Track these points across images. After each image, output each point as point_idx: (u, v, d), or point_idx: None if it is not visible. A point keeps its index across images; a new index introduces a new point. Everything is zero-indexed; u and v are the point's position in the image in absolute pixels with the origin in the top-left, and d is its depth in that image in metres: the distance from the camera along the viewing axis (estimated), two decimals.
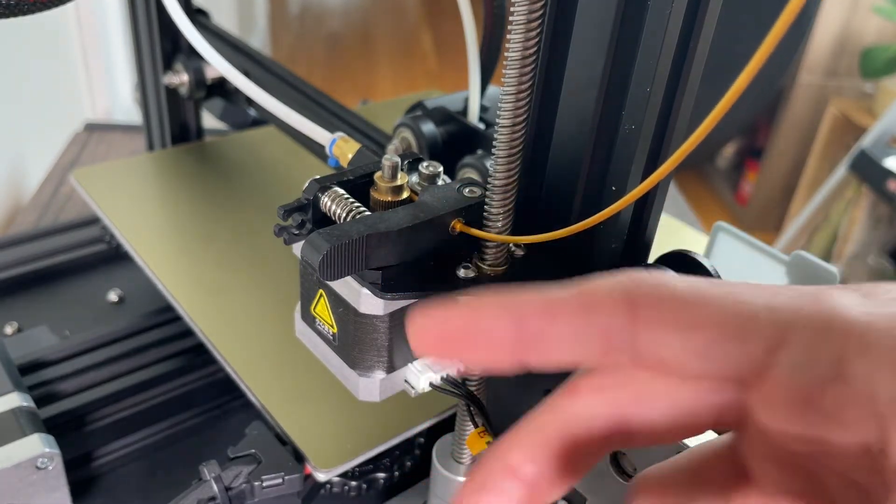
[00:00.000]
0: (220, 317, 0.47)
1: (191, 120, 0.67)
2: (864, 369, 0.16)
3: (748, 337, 0.17)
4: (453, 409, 0.42)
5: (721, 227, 0.43)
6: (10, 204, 0.93)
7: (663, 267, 0.31)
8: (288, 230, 0.28)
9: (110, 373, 0.47)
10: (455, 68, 2.91)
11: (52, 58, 1.18)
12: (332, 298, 0.29)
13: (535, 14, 0.25)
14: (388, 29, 3.34)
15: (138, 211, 0.57)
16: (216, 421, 0.49)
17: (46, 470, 0.36)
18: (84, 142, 0.90)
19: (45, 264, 0.59)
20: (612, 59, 0.28)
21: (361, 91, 2.66)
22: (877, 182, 1.44)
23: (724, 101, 0.18)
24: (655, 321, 0.18)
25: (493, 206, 0.28)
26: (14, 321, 0.54)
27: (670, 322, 0.18)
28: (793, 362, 0.17)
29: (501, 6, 0.46)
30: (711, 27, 0.27)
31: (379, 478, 0.44)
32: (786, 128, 2.04)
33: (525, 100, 0.26)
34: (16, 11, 0.35)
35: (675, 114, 0.29)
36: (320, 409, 0.42)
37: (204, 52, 0.46)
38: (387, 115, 0.68)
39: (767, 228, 2.10)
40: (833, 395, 0.16)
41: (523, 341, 0.19)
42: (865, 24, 1.90)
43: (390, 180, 0.28)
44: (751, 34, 0.87)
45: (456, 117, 0.45)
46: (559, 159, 0.31)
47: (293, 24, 3.32)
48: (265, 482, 0.37)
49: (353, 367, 0.30)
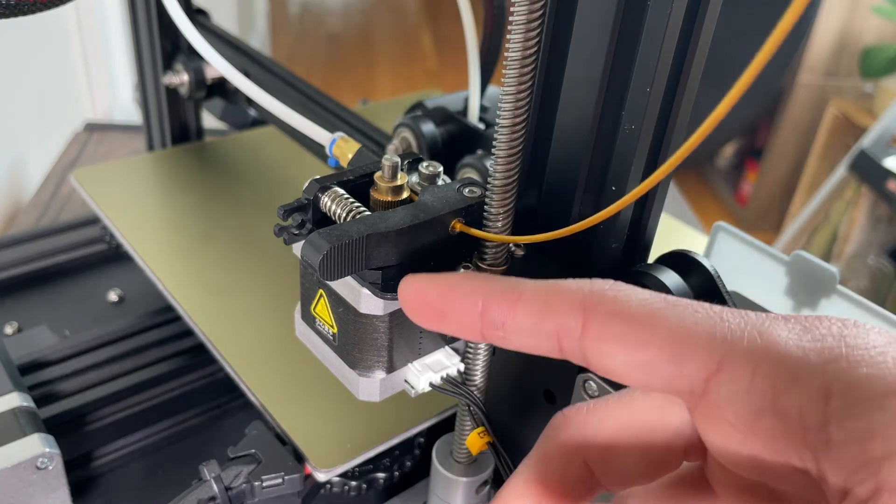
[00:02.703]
0: (220, 317, 0.47)
1: (191, 120, 0.67)
2: (793, 402, 0.17)
3: (685, 361, 0.18)
4: (453, 409, 0.42)
5: (721, 227, 0.43)
6: (10, 204, 0.93)
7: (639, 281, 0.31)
8: (288, 230, 0.28)
9: (110, 373, 0.47)
10: (455, 68, 2.91)
11: (52, 58, 1.18)
12: (332, 298, 0.29)
13: (535, 14, 0.25)
14: (388, 29, 3.34)
15: (138, 211, 0.57)
16: (216, 421, 0.49)
17: (46, 470, 0.36)
18: (84, 142, 0.90)
19: (45, 264, 0.59)
20: (612, 59, 0.28)
21: (361, 91, 2.66)
22: (877, 182, 1.44)
23: (726, 102, 0.18)
24: (603, 334, 0.19)
25: (492, 206, 0.28)
26: (14, 321, 0.54)
27: (617, 337, 0.19)
28: (728, 391, 0.18)
29: (501, 6, 0.46)
30: (711, 27, 0.27)
31: (379, 478, 0.44)
32: (786, 128, 2.04)
33: (525, 100, 0.26)
34: (16, 11, 0.35)
35: (675, 114, 0.29)
36: (320, 409, 0.42)
37: (204, 52, 0.46)
38: (387, 115, 0.68)
39: (767, 228, 2.10)
40: (766, 426, 0.17)
41: (486, 324, 0.22)
42: (865, 24, 1.89)
43: (390, 180, 0.28)
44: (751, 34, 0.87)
45: (456, 117, 0.45)
46: (559, 159, 0.31)
47: (293, 24, 3.32)
48: (265, 482, 0.37)
49: (353, 367, 0.30)
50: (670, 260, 0.31)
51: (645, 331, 0.19)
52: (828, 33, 1.92)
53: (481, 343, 0.30)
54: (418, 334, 0.30)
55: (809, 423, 0.17)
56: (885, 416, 0.16)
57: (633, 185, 0.29)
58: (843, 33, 1.92)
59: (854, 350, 0.17)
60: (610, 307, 0.19)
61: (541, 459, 0.23)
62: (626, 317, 0.19)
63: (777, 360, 0.17)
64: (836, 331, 0.18)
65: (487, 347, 0.31)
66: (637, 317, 0.19)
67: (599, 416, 0.22)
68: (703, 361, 0.18)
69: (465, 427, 0.34)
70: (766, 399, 0.17)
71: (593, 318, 0.19)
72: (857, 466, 0.16)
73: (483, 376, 0.32)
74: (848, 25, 1.91)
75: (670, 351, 0.18)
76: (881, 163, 1.43)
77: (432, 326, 0.23)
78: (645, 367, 0.19)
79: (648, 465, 0.22)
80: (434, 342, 0.31)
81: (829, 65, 1.95)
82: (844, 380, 0.16)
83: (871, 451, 0.15)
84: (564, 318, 0.20)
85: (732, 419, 0.18)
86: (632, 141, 0.29)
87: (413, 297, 0.23)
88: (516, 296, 0.21)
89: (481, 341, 0.22)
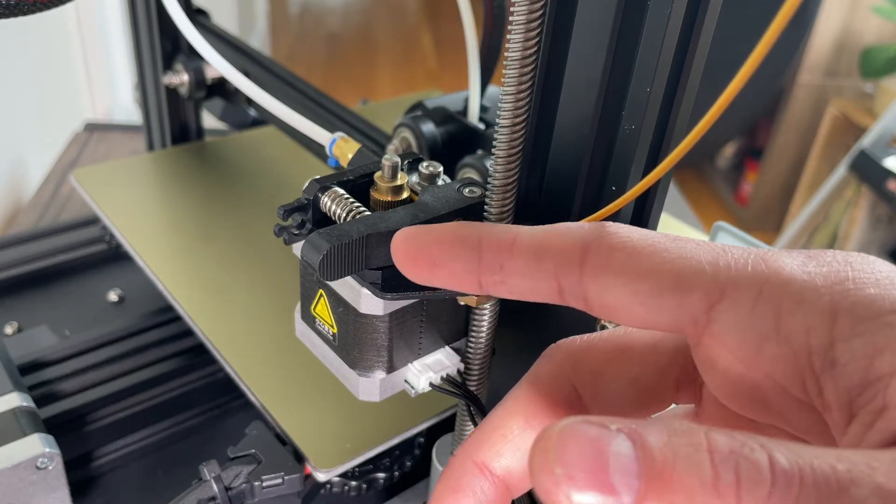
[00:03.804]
0: (220, 317, 0.47)
1: (191, 120, 0.67)
2: (799, 324, 0.17)
3: (690, 289, 0.18)
4: (453, 409, 0.42)
5: (721, 227, 0.43)
6: (10, 204, 0.93)
7: None
8: (288, 230, 0.28)
9: (110, 373, 0.47)
10: (455, 68, 2.91)
11: (52, 58, 1.18)
12: (332, 298, 0.29)
13: (535, 14, 0.25)
14: (388, 29, 3.34)
15: (138, 211, 0.57)
16: (216, 421, 0.49)
17: (46, 470, 0.36)
18: (84, 142, 0.90)
19: (45, 264, 0.59)
20: (612, 59, 0.28)
21: (361, 91, 2.66)
22: (877, 182, 1.44)
23: (723, 99, 0.18)
24: (603, 268, 0.19)
25: (493, 206, 0.28)
26: (14, 321, 0.54)
27: (617, 270, 0.19)
28: (731, 318, 0.17)
29: (501, 6, 0.46)
30: (711, 27, 0.27)
31: (379, 478, 0.44)
32: (786, 128, 2.04)
33: (525, 100, 0.26)
34: (16, 11, 0.35)
35: (675, 114, 0.29)
36: (320, 409, 0.42)
37: (204, 52, 0.46)
38: (387, 115, 0.68)
39: (767, 228, 2.10)
40: (770, 352, 0.17)
41: (484, 268, 0.21)
42: (865, 24, 1.89)
43: (390, 180, 0.28)
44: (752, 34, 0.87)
45: (456, 117, 0.45)
46: (559, 159, 0.31)
47: (293, 24, 3.32)
48: (265, 482, 0.37)
49: (353, 367, 0.30)
50: None
51: (647, 261, 0.18)
52: (828, 33, 1.92)
53: (480, 340, 0.30)
54: (418, 334, 0.30)
55: (815, 345, 0.16)
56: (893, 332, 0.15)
57: (633, 184, 0.29)
58: (843, 33, 1.92)
59: (860, 273, 0.17)
60: (610, 241, 0.19)
61: (532, 382, 0.22)
62: (627, 249, 0.19)
63: (782, 284, 0.17)
64: (840, 258, 0.17)
65: (487, 347, 0.31)
66: (638, 248, 0.19)
67: (592, 344, 0.22)
68: (706, 289, 0.18)
69: (465, 427, 0.34)
70: (770, 323, 0.17)
71: (593, 251, 0.19)
72: (863, 386, 0.15)
73: (483, 376, 0.32)
74: (848, 25, 1.91)
75: (672, 280, 0.18)
76: (881, 163, 1.43)
77: (424, 278, 0.22)
78: (647, 298, 0.18)
79: (638, 395, 0.22)
80: (434, 342, 0.31)
81: (829, 65, 1.95)
82: (851, 299, 0.16)
83: (878, 368, 0.15)
84: (564, 254, 0.19)
85: (735, 348, 0.17)
86: (632, 141, 0.29)
87: (405, 246, 0.22)
88: (512, 237, 0.20)
89: (477, 291, 0.21)
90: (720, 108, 0.19)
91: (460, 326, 0.31)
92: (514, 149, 0.27)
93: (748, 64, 0.18)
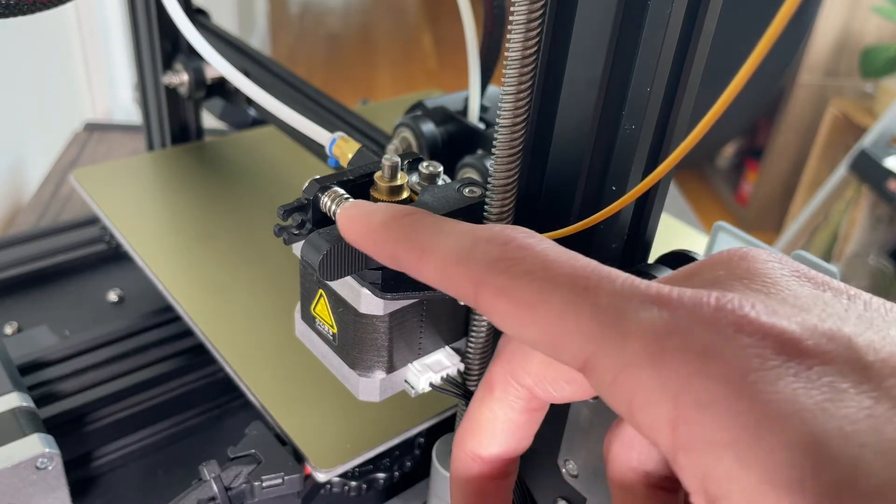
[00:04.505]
0: (220, 317, 0.47)
1: (191, 120, 0.67)
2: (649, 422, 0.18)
3: (561, 350, 0.19)
4: (453, 409, 0.42)
5: (721, 227, 0.43)
6: (10, 204, 0.93)
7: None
8: (288, 230, 0.28)
9: (110, 373, 0.47)
10: (455, 68, 2.91)
11: (52, 58, 1.18)
12: (332, 298, 0.29)
13: (535, 14, 0.25)
14: (388, 29, 3.34)
15: (138, 211, 0.57)
16: (216, 421, 0.49)
17: (46, 470, 0.36)
18: (84, 142, 0.90)
19: (45, 264, 0.59)
20: (612, 59, 0.28)
21: (361, 91, 2.66)
22: (877, 182, 1.44)
23: (723, 99, 0.18)
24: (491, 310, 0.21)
25: (493, 206, 0.28)
26: (14, 321, 0.54)
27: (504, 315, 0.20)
28: (596, 387, 0.18)
29: (501, 6, 0.46)
30: (711, 27, 0.27)
31: (379, 478, 0.44)
32: (786, 128, 2.04)
33: (525, 100, 0.26)
34: (16, 11, 0.35)
35: (675, 114, 0.29)
36: (320, 409, 0.42)
37: (204, 52, 0.46)
38: (387, 115, 0.68)
39: (767, 228, 2.10)
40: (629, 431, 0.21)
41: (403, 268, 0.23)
42: (865, 24, 1.89)
43: (390, 180, 0.28)
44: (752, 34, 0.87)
45: (456, 117, 0.45)
46: (559, 159, 0.31)
47: (293, 24, 3.32)
48: (265, 482, 0.37)
49: (353, 367, 0.30)
50: (670, 260, 0.31)
51: (527, 313, 0.19)
52: (828, 33, 1.92)
53: (480, 340, 0.30)
54: (418, 334, 0.30)
55: (666, 449, 0.17)
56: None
57: (634, 185, 0.29)
58: (843, 33, 1.92)
59: None
60: (499, 284, 0.20)
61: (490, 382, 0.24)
62: (511, 297, 0.20)
63: (634, 376, 0.17)
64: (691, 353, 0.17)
65: (487, 347, 0.31)
66: (521, 297, 0.20)
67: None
68: (573, 355, 0.19)
69: None
70: (624, 411, 0.18)
71: (483, 293, 0.20)
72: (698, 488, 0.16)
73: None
74: (848, 25, 1.91)
75: (547, 339, 0.19)
76: (881, 163, 1.43)
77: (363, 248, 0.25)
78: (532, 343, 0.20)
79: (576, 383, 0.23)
80: (434, 342, 0.31)
81: (829, 65, 1.95)
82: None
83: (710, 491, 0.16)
84: (460, 288, 0.21)
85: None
86: (632, 141, 0.29)
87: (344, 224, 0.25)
88: (419, 253, 0.22)
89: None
90: (720, 108, 0.19)
91: (460, 326, 0.31)
92: (514, 149, 0.27)
93: (748, 64, 0.18)
